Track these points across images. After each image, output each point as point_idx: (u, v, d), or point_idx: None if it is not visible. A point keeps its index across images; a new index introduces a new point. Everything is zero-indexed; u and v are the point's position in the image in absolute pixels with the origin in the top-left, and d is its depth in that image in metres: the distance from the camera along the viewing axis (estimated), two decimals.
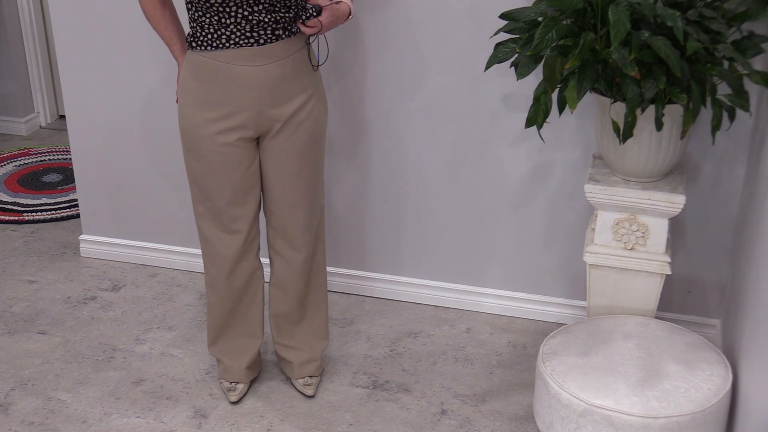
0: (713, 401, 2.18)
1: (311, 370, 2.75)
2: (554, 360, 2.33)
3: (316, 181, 2.58)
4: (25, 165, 4.39)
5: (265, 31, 2.31)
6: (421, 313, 3.16)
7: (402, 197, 3.09)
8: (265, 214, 2.60)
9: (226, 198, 2.48)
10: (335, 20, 2.40)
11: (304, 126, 2.47)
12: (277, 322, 2.72)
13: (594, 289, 2.55)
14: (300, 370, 2.74)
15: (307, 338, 2.74)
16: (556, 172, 2.91)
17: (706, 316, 2.97)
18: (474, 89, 2.87)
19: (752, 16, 2.23)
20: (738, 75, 2.25)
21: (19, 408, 2.69)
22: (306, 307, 2.71)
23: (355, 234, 3.20)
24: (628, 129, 2.24)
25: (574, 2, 2.19)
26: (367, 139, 3.04)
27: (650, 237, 2.45)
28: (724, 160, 2.74)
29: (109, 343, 3.00)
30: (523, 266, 3.08)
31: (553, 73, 2.25)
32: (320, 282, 2.71)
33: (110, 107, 3.27)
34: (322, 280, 2.71)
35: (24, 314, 3.17)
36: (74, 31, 3.20)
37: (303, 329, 2.73)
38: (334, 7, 2.40)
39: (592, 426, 2.18)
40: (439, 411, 2.67)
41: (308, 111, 2.47)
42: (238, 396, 2.71)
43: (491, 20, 2.67)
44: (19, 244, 3.66)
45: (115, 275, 3.42)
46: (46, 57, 4.83)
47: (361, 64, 2.94)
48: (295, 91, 2.42)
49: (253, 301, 2.66)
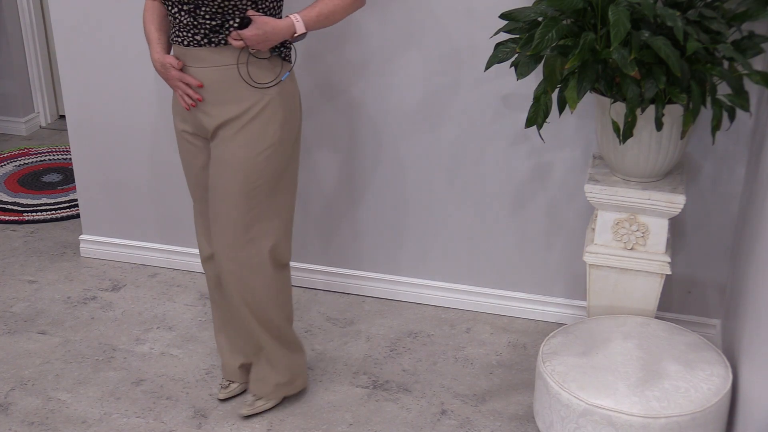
0: (713, 401, 2.18)
1: (254, 389, 2.68)
2: (554, 360, 2.33)
3: (247, 219, 2.40)
4: (25, 165, 4.40)
5: (188, 33, 2.29)
6: (421, 313, 3.16)
7: (402, 197, 3.09)
8: None
9: (192, 193, 2.57)
10: (265, 36, 2.23)
11: (230, 147, 2.35)
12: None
13: (594, 289, 2.55)
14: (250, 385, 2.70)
15: (259, 361, 2.65)
16: (556, 172, 2.91)
17: (706, 316, 2.97)
18: (474, 89, 2.87)
19: (752, 16, 2.23)
20: (738, 75, 2.25)
21: (19, 408, 2.69)
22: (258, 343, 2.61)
23: (356, 234, 3.20)
24: (628, 129, 2.24)
25: (574, 2, 2.19)
26: (366, 138, 3.04)
27: (650, 237, 2.45)
28: (724, 160, 2.74)
29: (109, 343, 3.00)
30: (523, 266, 3.08)
31: (553, 73, 2.25)
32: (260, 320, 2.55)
33: (110, 107, 3.27)
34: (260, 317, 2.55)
35: (24, 314, 3.17)
36: (74, 31, 3.20)
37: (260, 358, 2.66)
38: (264, 20, 2.23)
39: (592, 426, 2.18)
40: (439, 411, 2.67)
41: (234, 131, 2.33)
42: (227, 395, 2.71)
43: (491, 20, 2.67)
44: (19, 244, 3.66)
45: (115, 275, 3.42)
46: (46, 57, 4.83)
47: (360, 63, 2.94)
48: (224, 104, 2.32)
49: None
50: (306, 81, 2.98)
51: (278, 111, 2.35)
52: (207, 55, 2.30)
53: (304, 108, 3.00)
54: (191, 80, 2.33)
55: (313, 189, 3.16)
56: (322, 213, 3.19)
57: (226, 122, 2.34)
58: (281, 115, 2.36)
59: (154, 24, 2.42)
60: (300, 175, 3.15)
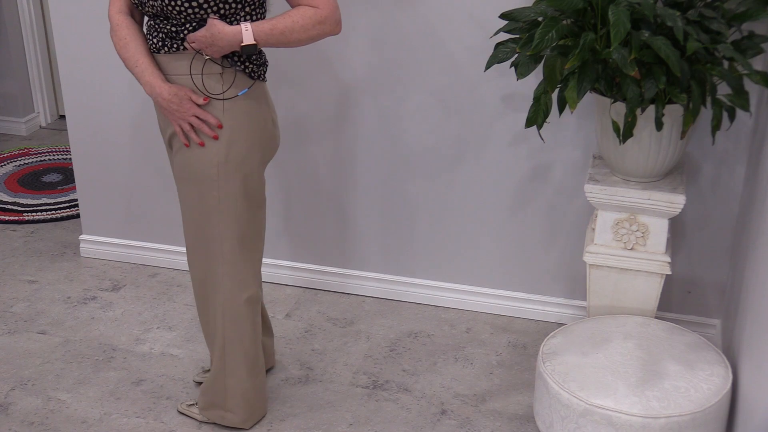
0: (713, 401, 2.18)
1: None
2: (554, 360, 2.33)
3: (201, 232, 2.36)
4: (25, 165, 4.39)
5: (154, 35, 2.22)
6: (421, 313, 3.16)
7: (403, 197, 3.09)
8: None
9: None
10: (212, 38, 2.12)
11: (178, 157, 2.31)
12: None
13: (594, 289, 2.55)
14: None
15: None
16: (556, 172, 2.91)
17: (706, 316, 2.97)
18: (474, 89, 2.87)
19: (752, 16, 2.23)
20: (738, 75, 2.25)
21: (19, 408, 2.69)
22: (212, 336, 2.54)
23: (356, 234, 3.20)
24: (628, 129, 2.24)
25: (574, 2, 2.19)
26: (366, 138, 3.04)
27: (650, 237, 2.45)
28: (724, 160, 2.74)
29: (109, 343, 3.00)
30: (523, 266, 3.08)
31: (553, 73, 2.25)
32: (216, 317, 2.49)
33: (110, 107, 3.27)
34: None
35: (24, 314, 3.17)
36: (74, 31, 3.20)
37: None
38: (213, 22, 2.12)
39: (592, 426, 2.18)
40: (439, 411, 2.67)
41: (180, 144, 2.28)
42: (200, 380, 2.75)
43: (491, 20, 2.67)
44: (19, 244, 3.66)
45: (115, 275, 3.42)
46: (46, 57, 4.83)
47: (361, 63, 2.94)
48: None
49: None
50: (307, 81, 2.98)
51: (225, 129, 2.24)
52: (170, 61, 2.22)
53: (294, 116, 2.99)
54: (211, 119, 2.22)
55: (312, 189, 3.16)
56: (321, 213, 3.19)
57: (174, 133, 2.29)
58: (227, 134, 2.24)
59: (140, 45, 2.24)
60: (300, 175, 3.15)
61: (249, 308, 2.45)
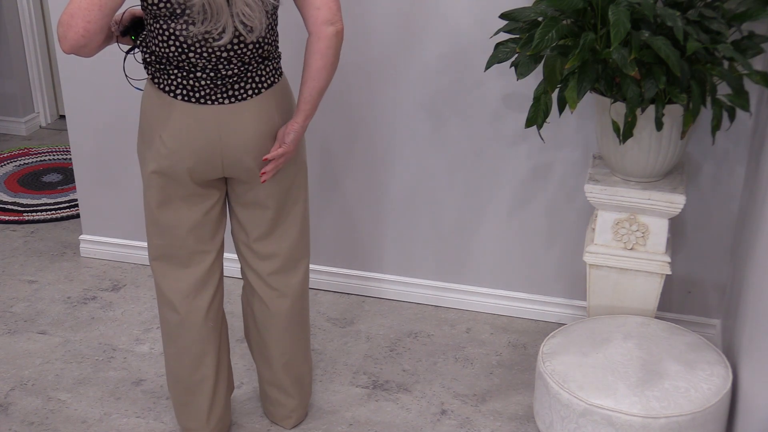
0: (713, 401, 2.18)
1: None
2: (554, 360, 2.33)
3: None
4: (25, 165, 4.40)
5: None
6: (421, 313, 3.16)
7: (402, 197, 3.09)
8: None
9: None
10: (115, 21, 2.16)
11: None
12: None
13: (594, 289, 2.55)
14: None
15: None
16: (556, 172, 2.91)
17: (706, 316, 2.97)
18: (474, 89, 2.87)
19: (752, 16, 2.23)
20: (738, 75, 2.25)
21: (19, 408, 2.69)
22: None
23: (356, 234, 3.20)
24: (628, 129, 2.25)
25: (574, 2, 2.19)
26: (366, 138, 3.04)
27: (650, 237, 2.46)
28: (724, 160, 2.74)
29: (109, 343, 3.00)
30: (523, 266, 3.08)
31: (553, 73, 2.25)
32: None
33: (110, 107, 3.27)
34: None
35: (24, 314, 3.17)
36: None
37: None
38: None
39: (592, 426, 2.18)
40: (439, 411, 2.67)
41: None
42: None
43: (491, 20, 2.67)
44: (19, 244, 3.66)
45: (115, 275, 3.42)
46: (46, 57, 4.83)
47: (360, 63, 2.94)
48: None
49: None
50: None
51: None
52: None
53: None
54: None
55: (312, 189, 3.16)
56: (321, 213, 3.19)
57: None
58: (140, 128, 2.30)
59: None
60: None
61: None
